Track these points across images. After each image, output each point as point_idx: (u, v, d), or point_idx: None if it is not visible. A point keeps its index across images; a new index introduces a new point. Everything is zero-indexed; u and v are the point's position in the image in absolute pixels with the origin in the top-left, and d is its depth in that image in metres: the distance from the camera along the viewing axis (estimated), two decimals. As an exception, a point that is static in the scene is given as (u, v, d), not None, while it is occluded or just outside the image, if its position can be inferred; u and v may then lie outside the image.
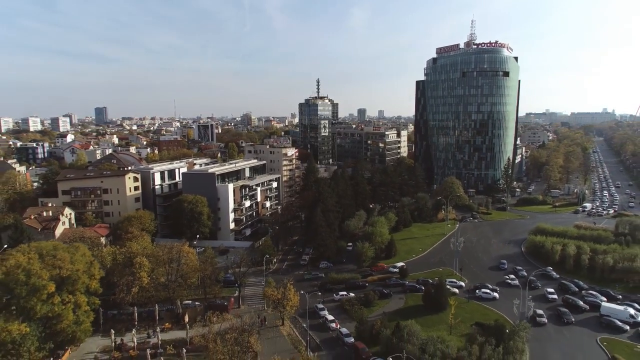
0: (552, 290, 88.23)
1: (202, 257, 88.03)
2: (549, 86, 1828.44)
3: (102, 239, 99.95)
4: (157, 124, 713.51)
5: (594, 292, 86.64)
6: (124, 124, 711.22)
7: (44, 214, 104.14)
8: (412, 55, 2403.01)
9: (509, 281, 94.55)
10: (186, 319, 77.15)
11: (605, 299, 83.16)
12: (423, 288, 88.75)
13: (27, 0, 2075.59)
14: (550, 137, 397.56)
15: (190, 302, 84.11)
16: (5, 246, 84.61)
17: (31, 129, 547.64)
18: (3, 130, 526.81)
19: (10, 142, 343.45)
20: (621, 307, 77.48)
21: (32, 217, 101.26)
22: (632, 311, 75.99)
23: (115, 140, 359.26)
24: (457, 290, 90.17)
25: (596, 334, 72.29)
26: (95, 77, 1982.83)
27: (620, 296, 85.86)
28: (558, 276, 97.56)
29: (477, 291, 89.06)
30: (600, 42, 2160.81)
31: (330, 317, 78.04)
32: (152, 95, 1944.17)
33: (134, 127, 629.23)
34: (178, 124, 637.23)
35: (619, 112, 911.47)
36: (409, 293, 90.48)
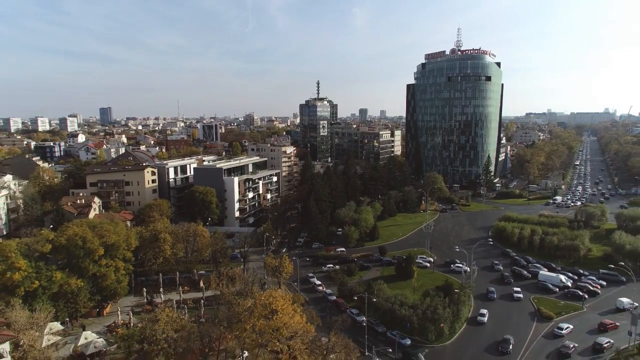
0: (508, 274, 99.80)
1: (213, 236, 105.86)
2: (552, 86, 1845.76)
3: (128, 222, 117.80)
4: (161, 124, 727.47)
5: (538, 265, 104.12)
6: (129, 124, 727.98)
7: (77, 201, 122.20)
8: (415, 55, 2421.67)
9: (457, 250, 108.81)
10: (201, 284, 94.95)
11: (546, 270, 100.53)
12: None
13: (33, 1, 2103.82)
14: (542, 137, 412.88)
15: (203, 272, 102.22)
16: (51, 226, 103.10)
17: (40, 128, 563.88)
18: (12, 130, 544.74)
19: (25, 142, 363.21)
20: (554, 275, 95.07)
21: (69, 204, 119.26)
22: (563, 278, 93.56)
23: (124, 139, 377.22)
24: (428, 265, 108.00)
25: (531, 294, 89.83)
26: (99, 78, 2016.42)
27: (560, 268, 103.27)
28: (515, 254, 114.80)
29: (452, 265, 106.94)
30: (604, 43, 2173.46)
31: (318, 283, 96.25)
32: (155, 96, 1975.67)
33: (139, 127, 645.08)
34: (182, 124, 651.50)
35: (620, 112, 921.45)
36: (385, 266, 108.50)
